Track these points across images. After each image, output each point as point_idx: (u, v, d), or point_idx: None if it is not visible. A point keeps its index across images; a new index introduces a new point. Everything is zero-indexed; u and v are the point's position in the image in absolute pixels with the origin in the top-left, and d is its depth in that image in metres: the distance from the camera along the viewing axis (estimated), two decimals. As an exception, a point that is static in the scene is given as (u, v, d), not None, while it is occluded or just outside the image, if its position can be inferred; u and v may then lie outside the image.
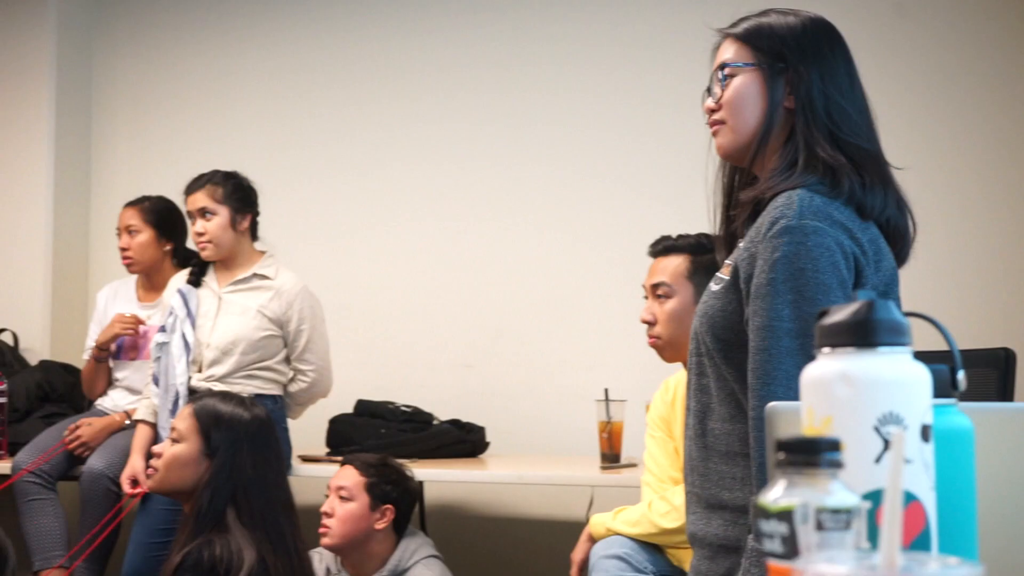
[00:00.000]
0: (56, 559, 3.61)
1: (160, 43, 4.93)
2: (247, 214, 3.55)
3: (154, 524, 3.31)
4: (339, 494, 3.08)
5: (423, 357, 4.40)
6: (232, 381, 3.42)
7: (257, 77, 4.77)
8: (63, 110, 4.82)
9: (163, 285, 3.93)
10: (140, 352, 3.92)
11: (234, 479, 2.52)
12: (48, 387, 4.27)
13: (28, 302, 4.71)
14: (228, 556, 2.39)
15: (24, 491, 3.66)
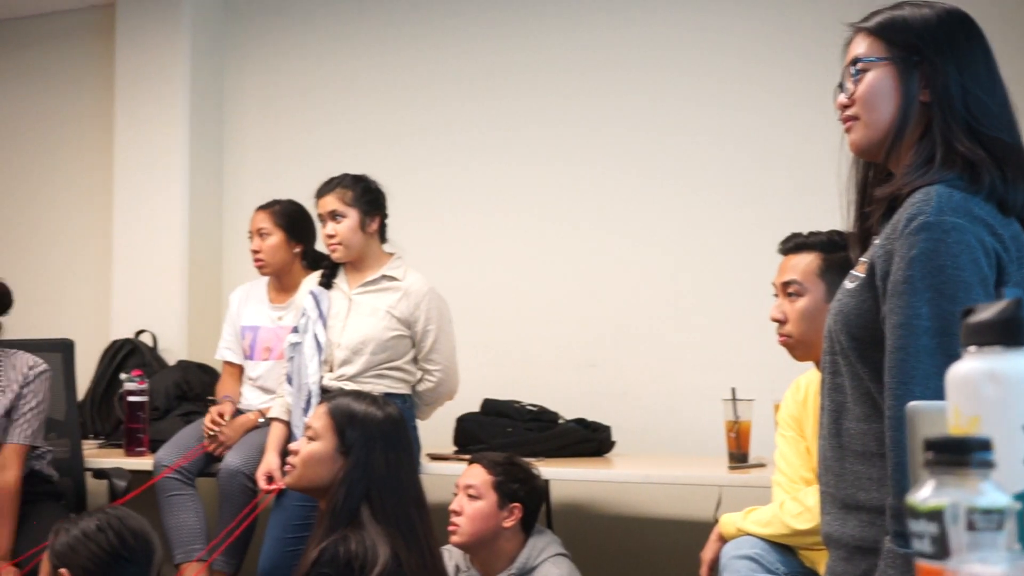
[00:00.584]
0: (196, 552, 3.73)
1: (288, 50, 5.05)
2: (376, 216, 3.61)
3: (289, 520, 3.40)
4: (467, 492, 3.12)
5: (548, 357, 4.42)
6: (362, 380, 3.48)
7: (385, 81, 4.85)
8: (197, 118, 4.97)
9: (293, 287, 4.02)
10: (273, 352, 4.02)
11: (368, 476, 2.57)
12: (186, 386, 4.41)
13: (166, 305, 4.87)
14: (363, 552, 2.44)
15: (165, 487, 3.79)
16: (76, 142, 5.34)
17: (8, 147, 5.50)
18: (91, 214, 5.24)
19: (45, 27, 5.44)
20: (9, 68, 5.53)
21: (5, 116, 5.52)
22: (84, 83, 5.33)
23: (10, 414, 3.63)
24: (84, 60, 5.34)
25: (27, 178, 5.45)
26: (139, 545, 2.17)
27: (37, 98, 5.45)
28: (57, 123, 5.39)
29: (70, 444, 4.06)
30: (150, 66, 4.99)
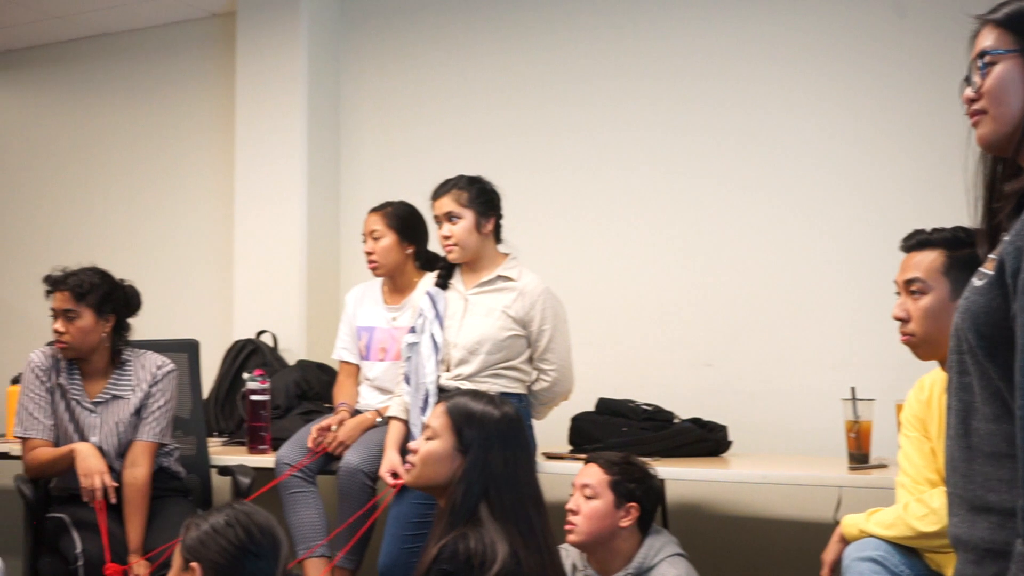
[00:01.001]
0: (316, 548, 3.81)
1: (402, 54, 5.11)
2: (491, 217, 3.64)
3: (408, 517, 3.44)
4: (584, 492, 3.12)
5: (663, 356, 4.40)
6: (479, 380, 3.51)
7: (498, 83, 4.88)
8: (314, 123, 5.07)
9: (406, 287, 4.08)
10: (388, 353, 4.08)
11: (486, 475, 2.60)
12: (305, 385, 4.50)
13: (285, 306, 4.98)
14: (482, 549, 2.47)
15: (287, 484, 3.88)
16: (198, 148, 5.49)
17: (134, 155, 5.68)
18: (213, 219, 5.38)
19: (167, 37, 5.60)
20: (133, 77, 5.71)
21: (130, 125, 5.70)
22: (205, 91, 5.48)
23: (140, 412, 3.75)
24: (205, 68, 5.49)
25: (152, 185, 5.62)
26: (266, 540, 2.22)
27: (160, 106, 5.62)
28: (180, 130, 5.55)
29: (196, 442, 4.18)
30: (269, 73, 5.11)
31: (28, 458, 3.73)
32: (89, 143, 5.82)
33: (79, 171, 5.84)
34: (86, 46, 5.83)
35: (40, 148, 6.00)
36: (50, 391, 3.74)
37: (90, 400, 3.74)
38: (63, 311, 3.67)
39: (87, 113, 5.85)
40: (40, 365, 3.75)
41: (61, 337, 3.68)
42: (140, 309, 3.84)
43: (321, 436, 3.90)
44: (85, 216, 5.78)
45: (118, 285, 3.78)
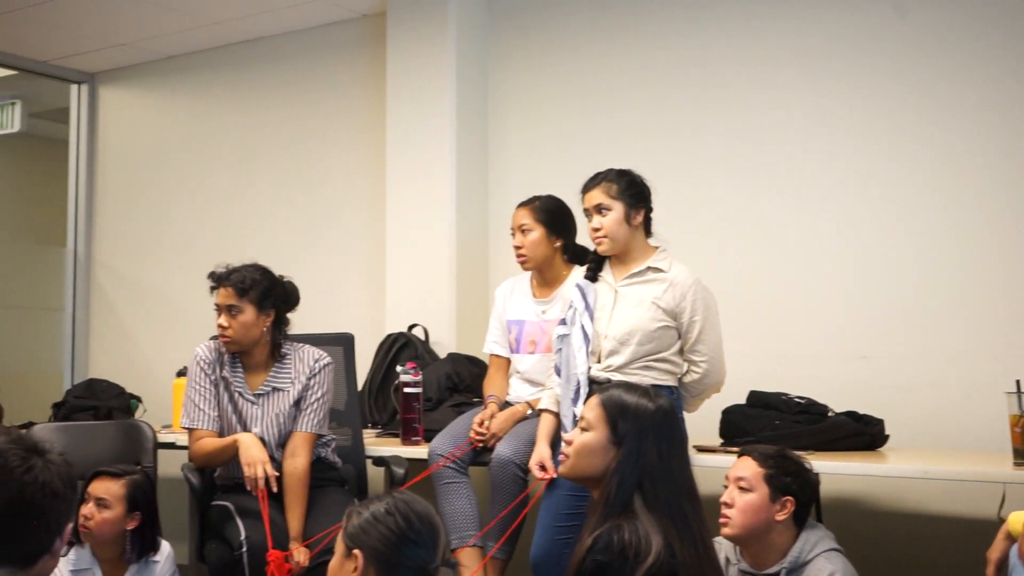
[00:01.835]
0: (470, 538, 3.86)
1: (549, 49, 5.14)
2: (641, 209, 3.63)
3: (560, 508, 3.46)
4: (738, 484, 3.09)
5: (816, 348, 4.33)
6: (629, 371, 3.51)
7: (647, 76, 4.87)
8: (463, 119, 5.14)
9: (555, 280, 4.11)
10: (538, 346, 4.11)
11: (640, 467, 2.60)
12: (456, 378, 4.57)
13: (436, 299, 5.06)
14: (636, 541, 2.47)
15: (440, 475, 3.94)
16: (351, 147, 5.62)
17: (289, 155, 5.85)
18: (366, 216, 5.50)
19: (319, 39, 5.75)
20: (287, 79, 5.87)
21: (285, 125, 5.87)
22: (357, 90, 5.60)
23: (299, 404, 3.87)
24: (356, 68, 5.61)
25: (307, 184, 5.78)
26: (425, 528, 2.26)
27: (313, 106, 5.77)
28: (333, 129, 5.69)
29: (351, 433, 4.28)
30: (418, 71, 5.20)
31: (194, 448, 3.88)
32: (247, 144, 6.02)
33: (238, 171, 6.04)
34: (242, 50, 6.03)
35: (201, 149, 6.22)
36: (215, 383, 3.88)
37: (252, 392, 3.87)
38: (226, 306, 3.81)
39: (245, 115, 6.04)
40: (205, 359, 3.90)
41: (224, 332, 3.82)
42: (298, 304, 3.96)
43: (481, 432, 3.95)
44: (244, 214, 5.98)
45: (278, 281, 3.90)
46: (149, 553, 3.54)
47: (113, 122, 6.60)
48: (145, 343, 6.30)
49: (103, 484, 3.46)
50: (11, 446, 2.06)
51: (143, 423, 4.53)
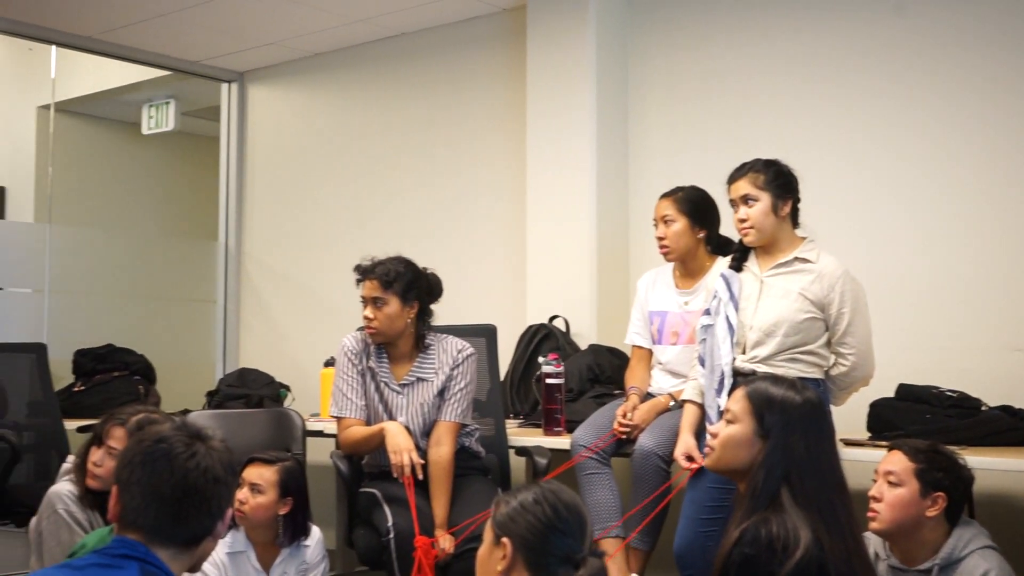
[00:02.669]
0: (611, 529, 3.87)
1: (690, 39, 5.10)
2: (788, 200, 3.57)
3: (703, 501, 3.45)
4: (888, 479, 3.03)
5: (968, 340, 4.21)
6: (775, 363, 3.47)
7: (790, 65, 4.80)
8: (603, 111, 5.14)
9: (698, 271, 4.08)
10: (680, 337, 4.09)
11: (787, 460, 2.57)
12: (597, 369, 4.58)
13: (576, 291, 5.08)
14: (784, 534, 2.44)
15: (582, 466, 3.95)
16: (492, 141, 5.67)
17: (431, 149, 5.94)
18: (507, 209, 5.55)
19: (461, 33, 5.81)
20: (429, 74, 5.96)
21: (427, 119, 5.96)
22: (497, 84, 5.65)
23: (443, 394, 3.93)
24: (497, 62, 5.66)
25: (449, 177, 5.85)
26: (572, 518, 2.27)
27: (455, 100, 5.84)
28: (474, 123, 5.75)
29: (494, 423, 4.33)
30: (558, 64, 5.22)
31: (342, 436, 3.98)
32: (391, 138, 6.13)
33: (382, 165, 6.15)
34: (385, 46, 6.13)
35: (346, 145, 6.36)
36: (361, 373, 3.97)
37: (397, 382, 3.95)
38: (372, 298, 3.89)
39: (388, 110, 6.15)
40: (352, 349, 3.99)
41: (370, 323, 3.90)
42: (442, 296, 4.02)
43: (624, 424, 3.95)
44: (388, 208, 6.09)
45: (422, 273, 3.96)
46: (300, 537, 3.63)
47: (262, 119, 6.80)
48: (293, 334, 6.47)
49: (257, 470, 3.56)
50: (176, 433, 2.15)
51: (292, 411, 4.66)
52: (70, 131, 7.32)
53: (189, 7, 5.60)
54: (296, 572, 3.62)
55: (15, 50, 7.01)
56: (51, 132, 6.81)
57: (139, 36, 6.10)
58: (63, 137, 7.01)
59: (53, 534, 3.33)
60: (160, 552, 2.11)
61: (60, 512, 3.35)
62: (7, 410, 5.23)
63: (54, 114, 6.81)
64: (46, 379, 5.31)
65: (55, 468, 4.95)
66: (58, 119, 6.85)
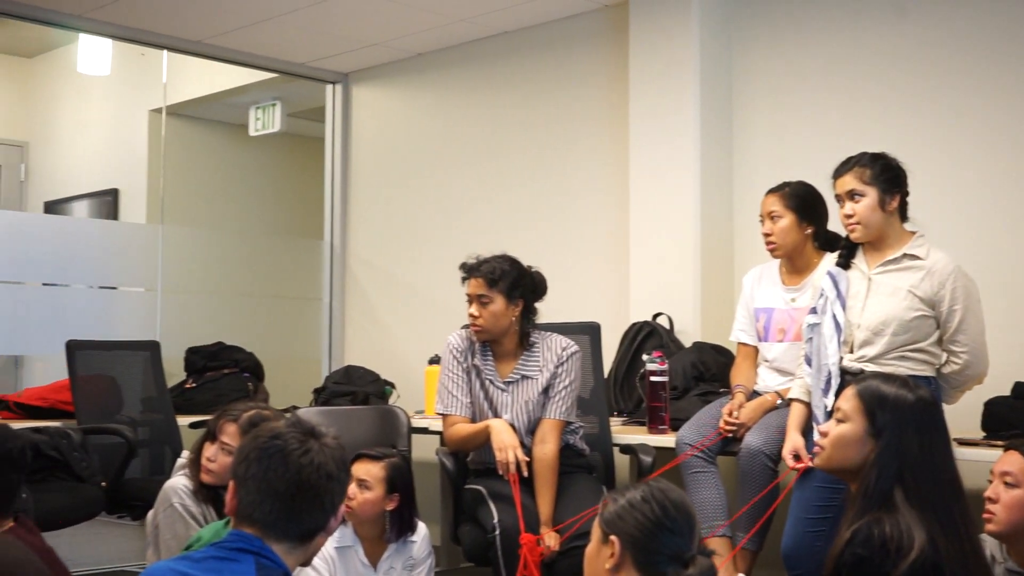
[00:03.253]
0: (718, 528, 3.84)
1: (795, 33, 5.03)
2: (896, 194, 3.50)
3: (812, 501, 3.40)
4: (1004, 480, 2.96)
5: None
6: (884, 362, 3.41)
7: (898, 56, 4.70)
8: (706, 106, 5.10)
9: (805, 268, 4.02)
10: (787, 334, 4.04)
11: (900, 460, 2.52)
12: (702, 367, 4.55)
13: (680, 288, 5.05)
14: (898, 535, 2.40)
15: (688, 465, 3.93)
16: (594, 138, 5.66)
17: (533, 146, 5.95)
18: (610, 206, 5.54)
19: (562, 31, 5.81)
20: (531, 72, 5.97)
21: (529, 117, 5.97)
22: (599, 80, 5.64)
23: (547, 391, 3.94)
24: (599, 59, 5.65)
25: (552, 174, 5.86)
26: (680, 516, 2.26)
27: (557, 97, 5.85)
28: (576, 120, 5.75)
29: (598, 420, 4.33)
30: (661, 60, 5.19)
31: (448, 433, 4.01)
32: (493, 137, 6.16)
33: (485, 164, 6.19)
34: (487, 45, 6.16)
35: (449, 144, 6.41)
36: (466, 371, 4.00)
37: (502, 380, 3.97)
38: (477, 296, 3.92)
39: (490, 109, 6.18)
40: (457, 347, 4.02)
41: (475, 321, 3.93)
42: (546, 294, 4.03)
43: (730, 423, 3.92)
44: (492, 207, 6.12)
45: (526, 272, 3.98)
46: (407, 533, 3.67)
47: (366, 119, 6.88)
48: (397, 331, 6.54)
49: (364, 466, 3.61)
50: (290, 430, 2.20)
51: (398, 408, 4.72)
52: (180, 134, 7.50)
53: (295, 11, 5.69)
54: (403, 567, 3.66)
55: (128, 56, 7.20)
56: (163, 135, 6.98)
57: (246, 40, 6.22)
58: (174, 140, 7.18)
59: (169, 527, 3.42)
60: (275, 546, 2.15)
61: (176, 506, 3.43)
62: (123, 406, 5.38)
63: (165, 117, 6.98)
64: (159, 376, 5.46)
65: (168, 463, 5.10)
66: (169, 122, 7.03)
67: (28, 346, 6.43)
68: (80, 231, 6.40)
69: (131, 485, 4.88)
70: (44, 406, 5.26)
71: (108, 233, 6.50)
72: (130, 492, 4.85)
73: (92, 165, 7.96)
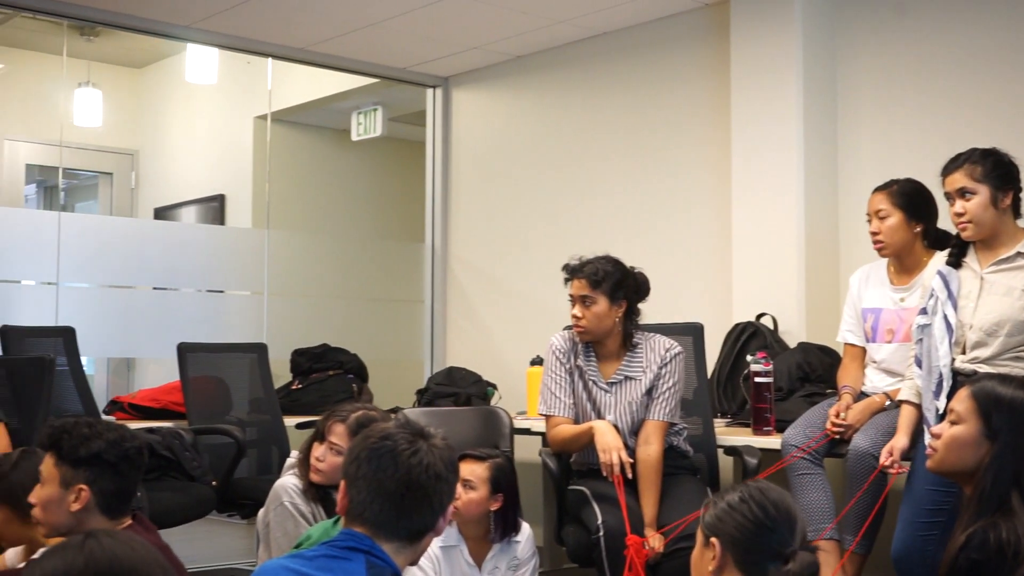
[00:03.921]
0: (825, 531, 3.79)
1: (901, 29, 4.94)
2: (1009, 191, 3.42)
3: (923, 504, 3.34)
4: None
5: None
6: (998, 363, 3.32)
7: (1007, 52, 4.59)
8: (810, 104, 5.03)
9: (914, 267, 3.95)
10: (896, 335, 3.97)
11: (1018, 462, 2.47)
12: (807, 368, 4.49)
13: (784, 288, 4.99)
14: (1016, 540, 2.35)
15: (794, 467, 3.88)
16: (695, 137, 5.62)
17: (634, 147, 5.93)
18: (712, 206, 5.50)
19: (662, 30, 5.79)
20: (632, 71, 5.95)
21: (630, 117, 5.96)
22: (700, 80, 5.60)
23: (651, 393, 3.93)
24: (700, 58, 5.61)
25: (653, 175, 5.83)
26: (781, 515, 2.24)
27: (658, 97, 5.82)
28: (677, 120, 5.72)
29: (702, 422, 4.31)
30: (763, 58, 5.14)
31: (551, 434, 4.02)
32: (593, 138, 6.15)
33: (585, 165, 6.19)
34: (586, 47, 6.16)
35: (549, 145, 6.42)
36: (569, 372, 4.00)
37: (605, 380, 3.97)
38: (580, 297, 3.92)
39: (590, 110, 6.18)
40: (560, 348, 4.03)
41: (579, 322, 3.94)
42: (649, 295, 4.02)
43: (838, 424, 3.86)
44: (593, 208, 6.11)
45: (629, 272, 3.97)
46: (511, 533, 3.70)
47: (466, 123, 6.93)
48: (498, 333, 6.58)
49: (469, 466, 3.64)
50: (400, 431, 2.23)
51: (500, 409, 4.74)
52: (284, 140, 7.64)
53: (395, 16, 5.76)
54: (507, 567, 3.69)
55: (234, 64, 7.36)
56: (267, 141, 7.11)
57: (348, 46, 6.31)
58: (278, 146, 7.32)
59: (280, 525, 3.49)
60: (385, 545, 2.18)
61: (286, 504, 3.50)
62: (231, 407, 5.50)
63: (270, 124, 7.12)
64: (267, 377, 5.56)
65: (276, 463, 5.20)
66: (274, 129, 7.16)
67: (140, 349, 6.61)
68: (188, 236, 6.55)
69: (240, 484, 4.98)
70: (156, 407, 5.40)
71: (215, 238, 6.64)
72: (239, 491, 4.95)
73: (199, 172, 8.15)
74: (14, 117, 7.92)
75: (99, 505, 2.69)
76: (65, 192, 8.72)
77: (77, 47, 7.21)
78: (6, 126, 7.91)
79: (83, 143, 7.89)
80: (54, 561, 1.60)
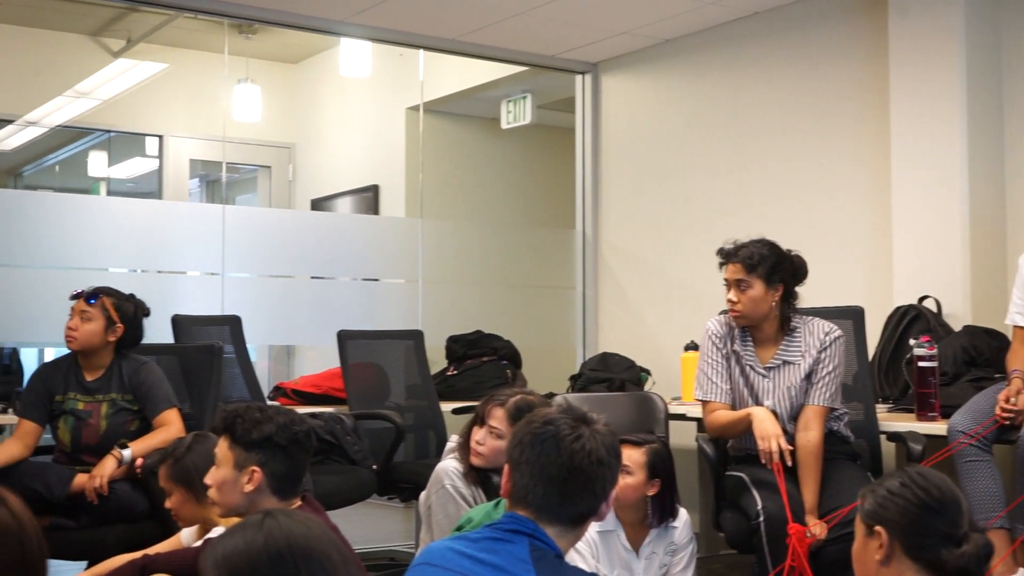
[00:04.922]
0: (994, 519, 3.68)
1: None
2: None
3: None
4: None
5: None
6: None
7: None
8: (974, 82, 4.86)
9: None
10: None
11: None
12: (974, 352, 4.36)
13: (948, 270, 4.84)
14: None
15: (962, 453, 3.77)
16: (852, 117, 5.49)
17: (790, 128, 5.82)
18: (870, 186, 5.36)
19: (817, 8, 5.66)
20: (785, 51, 5.84)
21: (784, 98, 5.84)
22: (856, 58, 5.46)
23: (810, 377, 3.86)
24: (856, 36, 5.47)
25: (808, 156, 5.72)
26: (944, 496, 2.19)
27: (813, 77, 5.70)
28: (833, 99, 5.58)
29: (863, 407, 4.21)
30: (923, 33, 4.98)
31: (708, 420, 4.00)
32: (746, 121, 6.06)
33: (739, 148, 6.10)
34: (736, 27, 6.07)
35: (701, 129, 6.35)
36: (726, 357, 3.97)
37: (762, 365, 3.92)
38: (735, 281, 3.88)
39: (742, 92, 6.09)
40: (716, 333, 4.00)
41: (734, 306, 3.90)
42: (806, 278, 3.95)
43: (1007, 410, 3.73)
44: (747, 191, 6.03)
45: (785, 256, 3.91)
46: (668, 519, 3.69)
47: (615, 108, 6.91)
48: (651, 318, 6.55)
49: (626, 451, 3.61)
50: (562, 416, 2.25)
51: (655, 395, 4.73)
52: (436, 130, 7.74)
53: (544, 3, 5.78)
54: (665, 552, 3.68)
55: (387, 56, 7.50)
56: (420, 131, 7.22)
57: (497, 35, 6.36)
58: (430, 136, 7.42)
59: (441, 507, 3.55)
60: (548, 529, 2.21)
61: (447, 487, 3.56)
62: (390, 393, 5.61)
63: (422, 114, 7.22)
64: (423, 364, 5.66)
65: (433, 448, 5.29)
66: (426, 119, 7.26)
67: (299, 336, 6.80)
68: (344, 227, 6.70)
69: (400, 468, 5.08)
70: (318, 393, 5.55)
71: (370, 228, 6.78)
72: (399, 475, 5.05)
73: (354, 163, 8.32)
74: (178, 115, 8.23)
75: (271, 486, 2.79)
76: (226, 186, 9.01)
77: (237, 45, 7.44)
78: (171, 124, 8.22)
79: (243, 138, 8.15)
80: (235, 539, 1.67)
